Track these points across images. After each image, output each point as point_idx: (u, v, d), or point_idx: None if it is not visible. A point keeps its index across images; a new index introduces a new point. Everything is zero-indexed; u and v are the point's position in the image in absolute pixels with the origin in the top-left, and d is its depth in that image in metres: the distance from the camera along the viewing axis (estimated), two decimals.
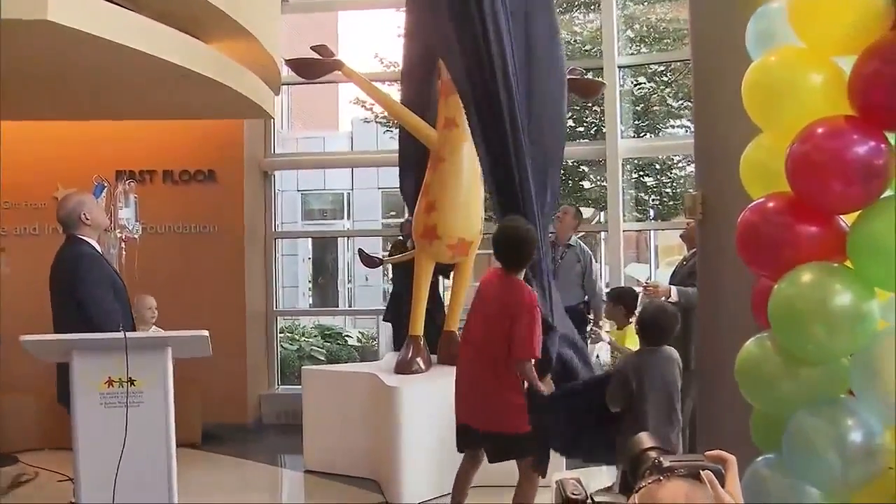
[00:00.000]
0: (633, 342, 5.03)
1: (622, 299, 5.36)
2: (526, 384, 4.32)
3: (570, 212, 7.23)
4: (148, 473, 3.82)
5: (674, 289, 5.32)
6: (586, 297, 6.94)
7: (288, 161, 9.80)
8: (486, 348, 4.39)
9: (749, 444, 2.70)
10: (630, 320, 5.17)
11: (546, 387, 4.43)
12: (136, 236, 5.29)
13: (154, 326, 5.53)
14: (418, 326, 6.11)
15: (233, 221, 8.01)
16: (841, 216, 2.50)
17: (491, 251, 4.66)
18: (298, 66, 6.68)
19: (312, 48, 6.53)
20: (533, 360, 4.32)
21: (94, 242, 4.59)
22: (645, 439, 1.70)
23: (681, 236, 6.02)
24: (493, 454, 4.49)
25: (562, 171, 12.77)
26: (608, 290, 5.85)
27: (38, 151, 7.69)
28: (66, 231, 4.56)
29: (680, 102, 11.43)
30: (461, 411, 4.53)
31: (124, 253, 5.06)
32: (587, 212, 13.80)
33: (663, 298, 5.20)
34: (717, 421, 3.46)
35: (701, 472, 1.50)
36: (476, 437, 4.48)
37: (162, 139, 7.87)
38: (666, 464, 1.52)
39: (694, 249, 5.51)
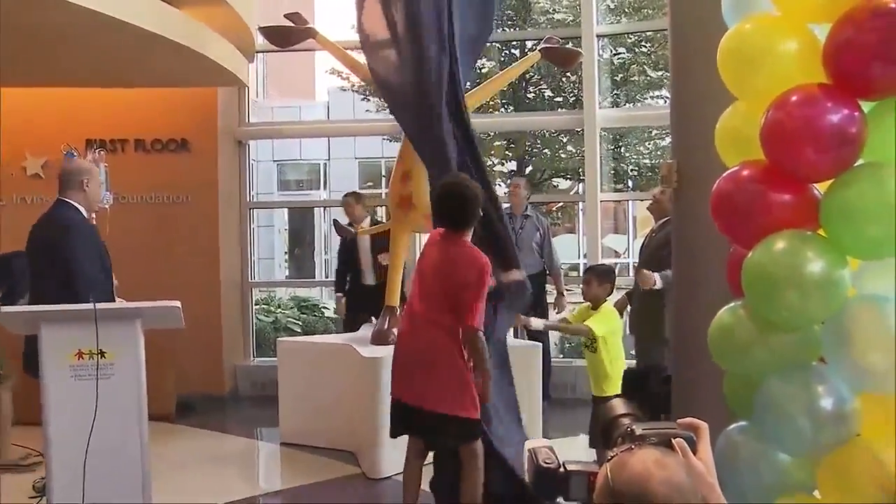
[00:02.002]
0: (604, 323, 4.92)
1: (608, 277, 5.16)
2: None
3: (522, 183, 7.39)
4: (120, 447, 3.80)
5: (657, 277, 5.27)
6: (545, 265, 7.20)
7: (263, 130, 9.74)
8: (432, 317, 4.04)
9: (724, 412, 2.73)
10: (608, 299, 5.12)
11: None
12: (106, 206, 5.22)
13: (119, 299, 5.43)
14: (395, 297, 6.11)
15: (207, 191, 7.94)
16: (814, 184, 2.52)
17: None
18: (271, 33, 6.60)
19: (286, 16, 6.45)
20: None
21: (83, 211, 4.55)
22: (618, 405, 1.71)
23: (648, 208, 5.98)
24: (432, 438, 4.15)
25: (539, 141, 12.87)
26: (593, 265, 5.66)
27: (5, 120, 7.55)
28: (61, 191, 4.53)
29: (659, 73, 11.43)
30: (397, 386, 4.14)
31: (95, 224, 4.98)
32: (564, 183, 13.88)
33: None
34: (692, 390, 3.49)
35: (672, 440, 1.50)
36: (412, 417, 4.09)
37: (134, 107, 7.78)
38: (638, 431, 1.53)
39: (662, 220, 5.56)
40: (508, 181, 6.48)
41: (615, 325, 5.01)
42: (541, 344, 6.44)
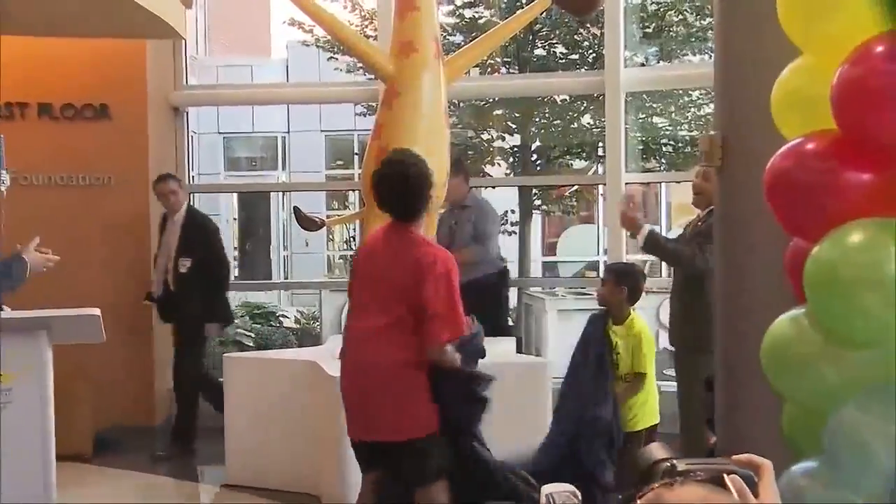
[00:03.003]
0: (649, 348, 4.96)
1: (627, 279, 5.16)
2: None
3: (460, 180, 7.32)
4: (19, 494, 3.76)
5: (646, 228, 5.33)
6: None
7: (205, 95, 9.75)
8: (381, 332, 4.08)
9: (782, 448, 2.70)
10: (633, 308, 5.12)
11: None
12: (1, 189, 5.17)
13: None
14: None
15: (134, 170, 7.89)
16: None
17: None
18: None
19: None
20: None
21: None
22: (656, 451, 1.70)
23: (693, 202, 5.97)
24: (409, 473, 4.16)
25: (549, 109, 12.88)
26: (613, 264, 5.64)
27: None
28: None
29: (704, 22, 11.42)
30: (350, 422, 4.23)
31: None
32: (580, 162, 13.87)
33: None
34: (740, 416, 3.47)
35: (726, 476, 1.48)
36: (372, 454, 4.19)
37: (38, 63, 7.71)
38: (681, 466, 1.51)
39: (710, 208, 5.60)
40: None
41: (650, 342, 5.03)
42: (549, 361, 6.46)
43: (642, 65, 10.59)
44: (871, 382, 2.46)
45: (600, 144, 11.01)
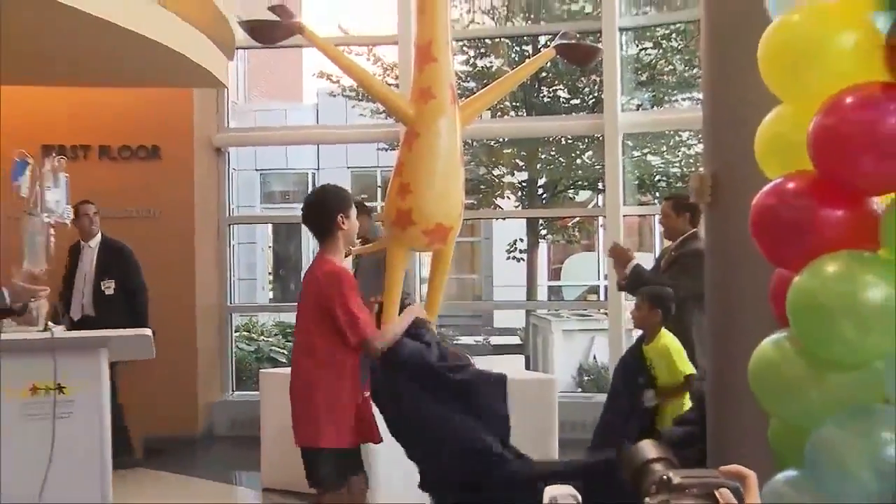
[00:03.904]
0: (679, 352, 4.92)
1: (661, 302, 5.11)
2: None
3: (363, 215, 7.27)
4: (78, 497, 3.75)
5: (634, 261, 5.47)
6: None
7: (244, 136, 9.78)
8: (304, 349, 4.17)
9: (767, 458, 2.68)
10: (663, 328, 5.09)
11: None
12: (66, 221, 5.19)
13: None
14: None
15: (181, 204, 7.95)
16: (873, 198, 2.47)
17: (472, 238, 4.59)
18: (254, 28, 6.58)
19: (270, 9, 6.45)
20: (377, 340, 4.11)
21: None
22: (648, 449, 1.66)
23: (663, 235, 5.98)
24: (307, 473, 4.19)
25: (554, 148, 12.87)
26: (643, 289, 5.62)
27: None
28: None
29: (693, 71, 11.42)
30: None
31: (53, 240, 4.95)
32: (582, 195, 13.85)
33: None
34: (729, 431, 3.44)
35: (716, 490, 1.46)
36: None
37: (98, 110, 7.80)
38: (676, 480, 1.48)
39: (682, 238, 5.62)
40: None
41: (679, 351, 4.99)
42: (555, 378, 6.45)
43: (637, 109, 10.58)
44: (848, 401, 2.44)
45: (600, 180, 10.99)
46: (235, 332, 8.99)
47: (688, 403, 4.96)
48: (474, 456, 4.30)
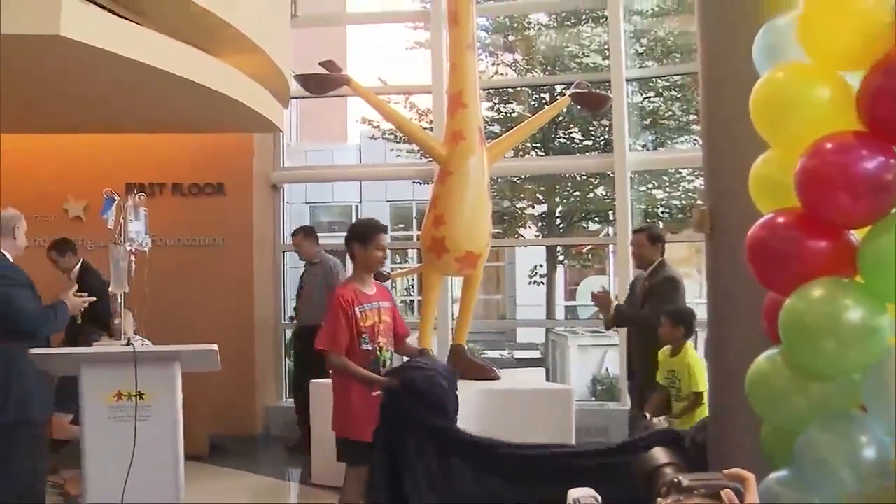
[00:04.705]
0: (699, 370, 4.84)
1: (684, 319, 5.11)
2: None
3: (301, 236, 7.52)
4: (156, 487, 3.83)
5: (614, 304, 5.56)
6: None
7: (297, 174, 9.89)
8: None
9: (762, 461, 2.68)
10: (687, 342, 5.08)
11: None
12: (145, 249, 5.28)
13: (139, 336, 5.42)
14: (426, 341, 6.13)
15: (241, 234, 8.06)
16: (851, 231, 2.50)
17: (498, 263, 4.68)
18: (307, 81, 6.71)
19: (321, 64, 6.56)
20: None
21: (9, 258, 4.55)
22: (659, 455, 1.68)
23: (633, 253, 5.92)
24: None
25: (569, 184, 12.87)
26: (669, 307, 5.48)
27: (48, 164, 7.76)
28: None
29: (689, 116, 11.44)
30: None
31: (133, 266, 5.04)
32: (595, 225, 13.84)
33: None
34: (728, 438, 3.43)
35: (721, 491, 1.48)
36: None
37: (172, 152, 7.95)
38: (685, 483, 1.51)
39: (652, 267, 5.60)
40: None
41: (700, 365, 4.94)
42: (572, 388, 6.43)
43: (642, 149, 10.59)
44: (829, 408, 2.45)
45: (611, 211, 10.99)
46: (288, 344, 9.05)
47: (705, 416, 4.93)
48: None
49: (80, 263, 6.61)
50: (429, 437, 3.81)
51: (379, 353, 4.34)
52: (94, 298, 4.81)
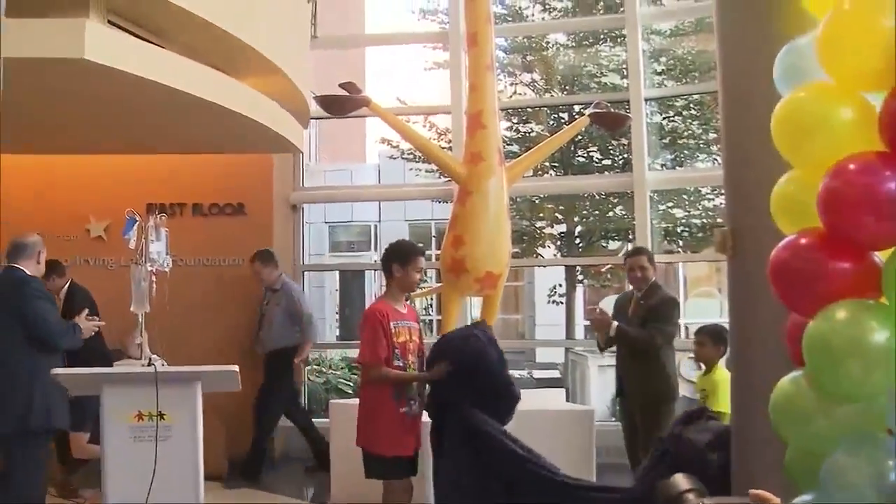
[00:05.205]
0: (724, 390, 4.78)
1: (722, 338, 5.05)
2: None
3: (258, 264, 7.42)
4: None
5: (614, 324, 5.43)
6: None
7: (316, 194, 9.95)
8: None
9: (787, 484, 2.66)
10: (720, 361, 5.06)
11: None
12: (166, 269, 5.33)
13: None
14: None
15: None
16: (875, 252, 2.48)
17: (517, 283, 4.73)
18: (327, 102, 6.76)
19: (340, 85, 6.60)
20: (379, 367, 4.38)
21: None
22: (681, 481, 1.68)
23: (632, 287, 5.89)
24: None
25: (588, 203, 12.86)
26: (706, 325, 5.50)
27: (71, 184, 7.84)
28: (12, 260, 4.86)
29: (707, 135, 11.43)
30: None
31: (154, 286, 5.09)
32: (614, 244, 13.81)
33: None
34: (752, 460, 3.41)
35: None
36: None
37: (193, 173, 8.01)
38: None
39: (648, 286, 5.58)
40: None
41: (726, 391, 4.90)
42: (593, 409, 6.39)
43: (662, 168, 10.58)
44: (854, 430, 2.43)
45: (630, 231, 10.97)
46: (307, 365, 9.06)
47: None
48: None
49: (68, 284, 6.70)
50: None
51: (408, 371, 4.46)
52: (104, 323, 5.15)
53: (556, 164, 12.26)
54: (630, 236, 11.53)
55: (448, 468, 4.31)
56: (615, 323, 5.44)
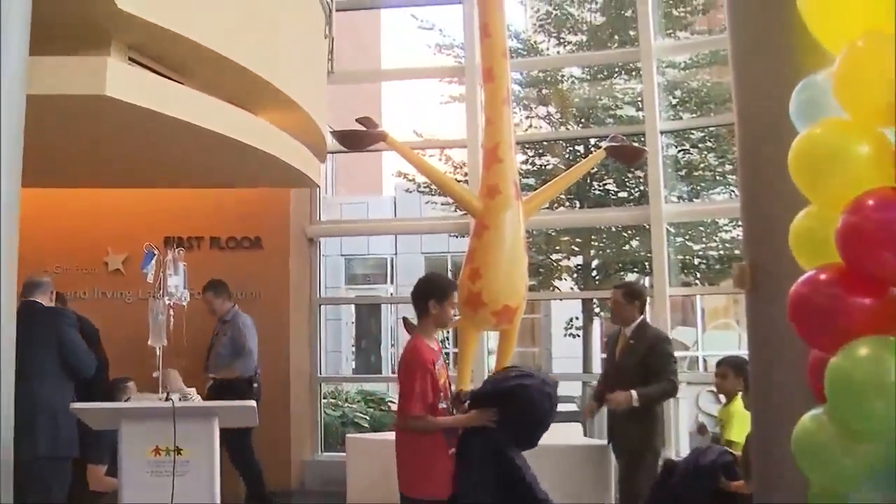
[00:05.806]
0: (739, 420, 4.80)
1: (743, 369, 4.87)
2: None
3: (210, 295, 7.32)
4: None
5: (634, 394, 5.23)
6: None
7: (333, 228, 9.95)
8: (398, 410, 4.43)
9: None
10: (739, 393, 5.01)
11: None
12: (184, 303, 5.37)
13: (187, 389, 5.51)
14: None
15: (278, 287, 8.10)
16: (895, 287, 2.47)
17: (534, 315, 4.64)
18: (344, 137, 6.80)
19: (357, 120, 6.65)
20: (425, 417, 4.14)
21: None
22: None
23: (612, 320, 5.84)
24: None
25: (605, 235, 12.83)
26: (728, 357, 5.40)
27: (89, 218, 7.92)
28: (27, 294, 5.06)
29: (724, 167, 11.40)
30: None
31: (172, 320, 5.12)
32: (632, 277, 13.75)
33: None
34: (775, 497, 3.37)
35: None
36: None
37: (210, 207, 8.06)
38: None
39: (636, 325, 5.48)
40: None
41: (742, 417, 4.86)
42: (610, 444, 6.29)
43: (678, 200, 10.56)
44: (876, 468, 2.40)
45: (647, 263, 10.93)
46: (323, 398, 9.05)
47: None
48: None
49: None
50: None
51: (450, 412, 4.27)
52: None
53: (571, 197, 12.25)
54: (647, 268, 11.49)
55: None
56: (634, 394, 5.21)
